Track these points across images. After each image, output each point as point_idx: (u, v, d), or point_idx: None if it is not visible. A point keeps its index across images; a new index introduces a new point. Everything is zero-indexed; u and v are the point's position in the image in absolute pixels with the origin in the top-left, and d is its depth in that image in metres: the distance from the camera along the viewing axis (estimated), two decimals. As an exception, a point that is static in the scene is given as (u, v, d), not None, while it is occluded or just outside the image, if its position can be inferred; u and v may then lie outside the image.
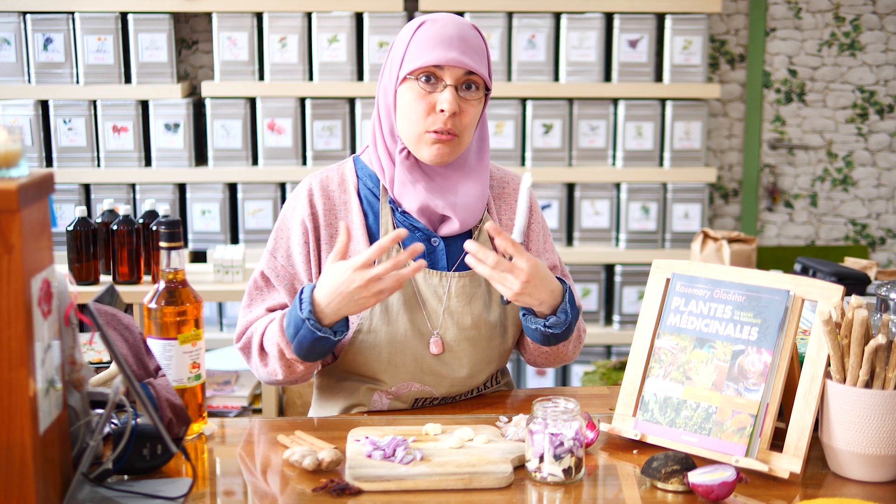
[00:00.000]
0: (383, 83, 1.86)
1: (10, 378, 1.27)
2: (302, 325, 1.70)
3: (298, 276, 1.86)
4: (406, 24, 1.88)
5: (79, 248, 2.99)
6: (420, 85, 1.78)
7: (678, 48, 3.78)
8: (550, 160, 3.82)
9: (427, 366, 1.85)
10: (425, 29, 1.79)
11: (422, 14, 3.70)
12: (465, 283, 1.85)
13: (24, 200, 1.27)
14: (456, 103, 1.77)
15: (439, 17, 1.81)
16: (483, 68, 1.80)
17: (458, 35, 1.78)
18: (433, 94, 1.78)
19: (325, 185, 1.89)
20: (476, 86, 1.81)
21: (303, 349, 1.73)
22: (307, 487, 1.51)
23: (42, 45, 3.66)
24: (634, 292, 3.88)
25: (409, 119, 1.80)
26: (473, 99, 1.80)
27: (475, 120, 1.83)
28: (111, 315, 1.55)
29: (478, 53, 1.80)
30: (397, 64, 1.81)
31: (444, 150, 1.80)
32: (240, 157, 3.77)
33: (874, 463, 1.52)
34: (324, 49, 3.70)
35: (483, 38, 1.84)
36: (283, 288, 1.86)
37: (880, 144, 4.17)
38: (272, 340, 1.78)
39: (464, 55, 1.77)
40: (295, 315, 1.72)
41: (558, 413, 1.53)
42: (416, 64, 1.77)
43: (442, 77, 1.77)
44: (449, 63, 1.76)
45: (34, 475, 1.29)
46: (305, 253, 1.85)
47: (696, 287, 1.68)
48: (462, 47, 1.77)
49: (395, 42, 1.85)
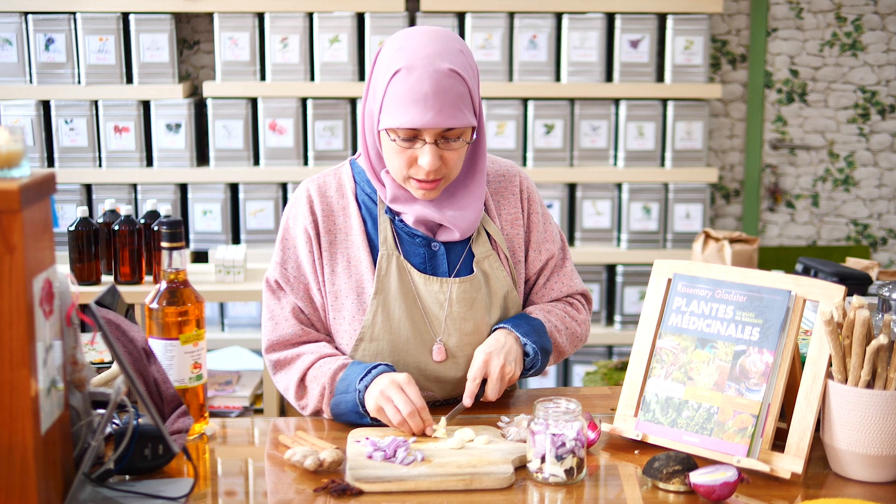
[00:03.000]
0: (368, 107, 1.79)
1: (12, 378, 1.27)
2: (353, 392, 1.73)
3: (310, 286, 1.85)
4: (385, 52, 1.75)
5: (80, 248, 2.99)
6: (398, 143, 1.72)
7: (679, 48, 3.78)
8: (552, 160, 3.81)
9: (430, 372, 1.85)
10: (400, 81, 1.69)
11: (423, 15, 3.71)
12: (465, 289, 1.84)
13: (26, 200, 1.27)
14: (437, 159, 1.72)
15: (415, 63, 1.68)
16: (464, 118, 1.71)
17: (434, 90, 1.67)
18: (413, 149, 1.73)
19: (323, 190, 1.87)
20: (458, 135, 1.73)
21: (339, 407, 1.76)
22: (308, 487, 1.51)
23: (44, 45, 3.66)
24: (636, 292, 3.87)
25: (393, 164, 1.76)
26: (456, 147, 1.74)
27: (461, 159, 1.78)
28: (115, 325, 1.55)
29: (457, 104, 1.69)
30: (377, 106, 1.74)
31: (430, 193, 1.78)
32: (241, 157, 3.77)
33: (876, 463, 1.52)
34: (325, 49, 3.70)
35: (464, 77, 1.71)
36: (299, 297, 1.85)
37: (882, 144, 4.17)
38: (318, 381, 1.78)
39: (440, 114, 1.67)
40: (351, 381, 1.74)
41: (560, 413, 1.53)
42: (392, 124, 1.70)
43: (420, 135, 1.71)
44: (425, 126, 1.68)
45: (36, 475, 1.29)
46: (311, 262, 1.84)
47: (697, 287, 1.68)
48: (438, 104, 1.67)
49: (377, 73, 1.75)
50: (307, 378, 1.79)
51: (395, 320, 1.82)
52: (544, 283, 1.96)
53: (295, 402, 1.83)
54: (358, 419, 1.74)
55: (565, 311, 1.95)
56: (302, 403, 1.81)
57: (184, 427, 1.58)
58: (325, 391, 1.76)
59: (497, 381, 1.77)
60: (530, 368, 1.86)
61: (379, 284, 1.81)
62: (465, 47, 1.76)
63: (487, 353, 1.78)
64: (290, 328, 1.83)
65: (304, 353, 1.81)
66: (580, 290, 2.00)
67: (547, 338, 1.86)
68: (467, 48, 1.78)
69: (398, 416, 1.66)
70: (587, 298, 2.03)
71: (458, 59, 1.72)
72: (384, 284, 1.81)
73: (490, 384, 1.78)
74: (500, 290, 1.87)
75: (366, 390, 1.71)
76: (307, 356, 1.81)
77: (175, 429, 1.56)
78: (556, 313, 1.93)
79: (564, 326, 1.92)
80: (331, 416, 1.78)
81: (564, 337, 1.92)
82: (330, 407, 1.76)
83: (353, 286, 1.82)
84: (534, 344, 1.83)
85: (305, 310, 1.84)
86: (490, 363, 1.78)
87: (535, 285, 1.96)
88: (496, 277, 1.87)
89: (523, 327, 1.84)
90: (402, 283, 1.81)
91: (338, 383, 1.75)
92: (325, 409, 1.77)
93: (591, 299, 2.04)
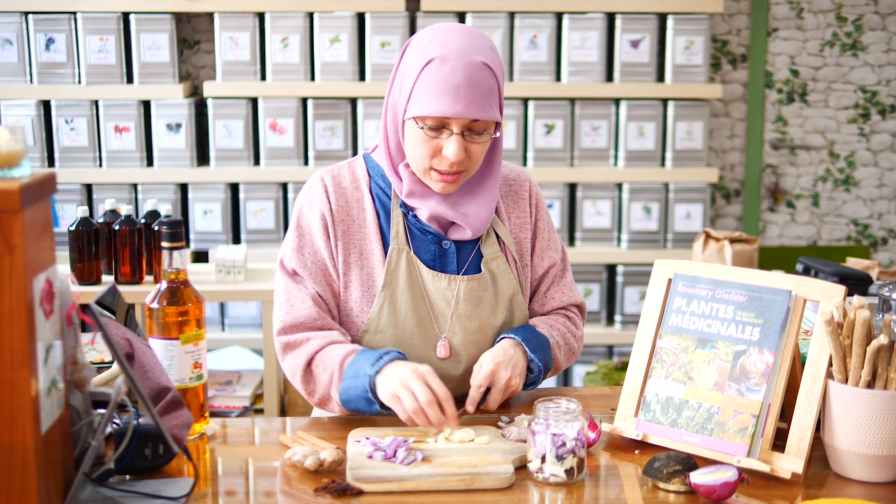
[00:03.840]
0: (392, 98, 1.81)
1: (13, 378, 1.27)
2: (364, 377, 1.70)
3: (328, 271, 1.83)
4: (416, 43, 1.77)
5: (81, 248, 3.00)
6: (425, 131, 1.73)
7: (680, 48, 3.78)
8: (552, 160, 3.82)
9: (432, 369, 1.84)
10: (433, 70, 1.70)
11: (423, 15, 3.71)
12: (473, 287, 1.84)
13: (26, 200, 1.27)
14: (462, 150, 1.73)
15: (449, 54, 1.70)
16: (492, 112, 1.73)
17: (467, 82, 1.69)
18: (438, 139, 1.73)
19: (338, 181, 1.87)
20: (484, 128, 1.75)
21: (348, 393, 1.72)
22: (309, 487, 1.51)
23: (44, 45, 3.66)
24: (636, 292, 3.88)
25: (415, 154, 1.77)
26: (481, 140, 1.75)
27: (483, 154, 1.79)
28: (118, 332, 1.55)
29: (487, 97, 1.72)
30: (405, 95, 1.75)
31: (449, 186, 1.78)
32: (241, 157, 3.77)
33: (876, 463, 1.52)
34: (325, 49, 3.70)
35: (495, 72, 1.74)
36: (317, 283, 1.83)
37: (882, 144, 4.17)
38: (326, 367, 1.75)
39: (470, 106, 1.69)
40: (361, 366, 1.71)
41: (560, 413, 1.54)
42: (421, 112, 1.71)
43: (448, 125, 1.72)
44: (455, 115, 1.69)
45: (36, 475, 1.29)
46: (329, 248, 1.83)
47: (697, 287, 1.68)
48: (470, 96, 1.69)
49: (406, 63, 1.77)
50: (314, 362, 1.76)
51: (401, 314, 1.82)
52: (545, 292, 1.97)
53: (302, 387, 1.79)
54: (367, 406, 1.71)
55: (566, 326, 1.96)
56: (309, 388, 1.78)
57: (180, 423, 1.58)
58: (334, 376, 1.73)
59: (501, 392, 1.77)
60: (530, 384, 1.87)
61: (387, 278, 1.81)
62: (494, 46, 1.79)
63: (496, 364, 1.77)
64: (306, 310, 1.80)
65: (315, 337, 1.79)
66: (577, 302, 2.01)
67: (550, 356, 1.87)
68: (496, 47, 1.80)
69: (415, 403, 1.61)
70: (582, 311, 2.04)
71: (489, 54, 1.74)
72: (393, 278, 1.81)
73: (493, 394, 1.77)
74: (506, 292, 1.88)
75: (377, 375, 1.68)
76: (317, 340, 1.78)
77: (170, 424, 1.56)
78: (559, 328, 1.93)
79: (564, 342, 1.93)
80: (339, 402, 1.74)
81: (563, 353, 1.93)
82: (339, 393, 1.73)
83: (363, 278, 1.83)
84: (540, 362, 1.83)
85: (323, 295, 1.83)
86: (497, 374, 1.77)
87: (536, 293, 1.97)
88: (503, 279, 1.88)
89: (532, 343, 1.84)
90: (410, 278, 1.82)
91: (346, 368, 1.72)
92: (334, 394, 1.74)
93: (585, 312, 2.05)
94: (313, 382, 1.77)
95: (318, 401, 1.79)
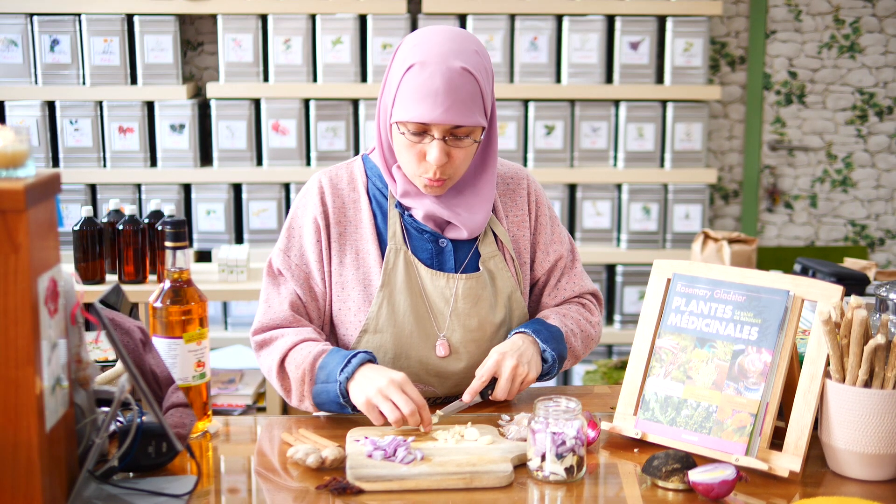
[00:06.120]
0: (383, 101, 1.81)
1: (17, 376, 1.28)
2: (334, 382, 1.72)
3: (312, 275, 1.86)
4: (403, 47, 1.77)
5: (85, 247, 3.01)
6: (408, 136, 1.74)
7: (679, 50, 3.79)
8: (552, 161, 3.83)
9: (432, 367, 1.86)
10: (414, 75, 1.70)
11: (425, 17, 3.72)
12: (471, 285, 1.86)
13: (31, 200, 1.28)
14: (444, 155, 1.73)
15: (429, 60, 1.70)
16: (474, 117, 1.73)
17: (446, 87, 1.69)
18: (421, 143, 1.74)
19: (335, 182, 1.89)
20: (467, 133, 1.75)
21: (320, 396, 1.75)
22: (311, 485, 1.52)
23: (49, 46, 3.67)
24: (635, 292, 3.89)
25: (402, 158, 1.78)
26: (464, 145, 1.76)
27: (468, 158, 1.79)
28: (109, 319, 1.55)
29: (467, 103, 1.71)
30: (390, 99, 1.76)
31: (436, 189, 1.80)
32: (244, 157, 3.78)
33: (873, 462, 1.53)
34: (328, 50, 3.72)
35: (477, 77, 1.73)
36: (299, 285, 1.86)
37: (879, 146, 4.18)
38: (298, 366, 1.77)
39: (450, 111, 1.69)
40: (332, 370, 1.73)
41: (560, 412, 1.54)
42: (402, 117, 1.72)
43: (429, 130, 1.73)
44: (434, 121, 1.70)
45: (41, 472, 1.30)
46: (318, 252, 1.86)
47: (696, 287, 1.69)
48: (449, 101, 1.69)
49: (393, 67, 1.77)
50: (287, 360, 1.79)
51: (400, 313, 1.83)
52: (556, 284, 1.97)
53: (278, 384, 1.81)
54: (340, 410, 1.74)
55: (580, 313, 1.96)
56: (285, 386, 1.80)
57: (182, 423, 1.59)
58: (306, 378, 1.76)
59: (508, 381, 1.78)
60: (545, 374, 1.87)
61: (385, 277, 1.82)
62: (481, 49, 1.78)
63: (501, 353, 1.79)
64: (282, 313, 1.84)
65: (286, 334, 1.82)
66: (590, 290, 2.02)
67: (564, 344, 1.88)
68: (484, 50, 1.79)
69: (396, 413, 1.65)
70: (598, 298, 2.04)
71: (472, 59, 1.74)
72: (391, 278, 1.82)
73: (501, 382, 1.78)
74: (505, 290, 1.89)
75: (348, 382, 1.71)
76: (288, 337, 1.81)
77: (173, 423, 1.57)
78: (572, 316, 1.94)
79: (580, 329, 1.94)
80: (313, 404, 1.78)
81: (579, 340, 1.93)
82: (312, 395, 1.76)
83: (360, 278, 1.84)
84: (553, 351, 1.84)
85: (303, 297, 1.85)
86: (502, 363, 1.78)
87: (547, 286, 1.98)
88: (501, 277, 1.89)
89: (543, 334, 1.85)
90: (408, 277, 1.83)
91: (317, 371, 1.75)
92: (308, 395, 1.77)
93: (601, 299, 2.05)
94: (287, 380, 1.80)
95: (296, 401, 1.81)
